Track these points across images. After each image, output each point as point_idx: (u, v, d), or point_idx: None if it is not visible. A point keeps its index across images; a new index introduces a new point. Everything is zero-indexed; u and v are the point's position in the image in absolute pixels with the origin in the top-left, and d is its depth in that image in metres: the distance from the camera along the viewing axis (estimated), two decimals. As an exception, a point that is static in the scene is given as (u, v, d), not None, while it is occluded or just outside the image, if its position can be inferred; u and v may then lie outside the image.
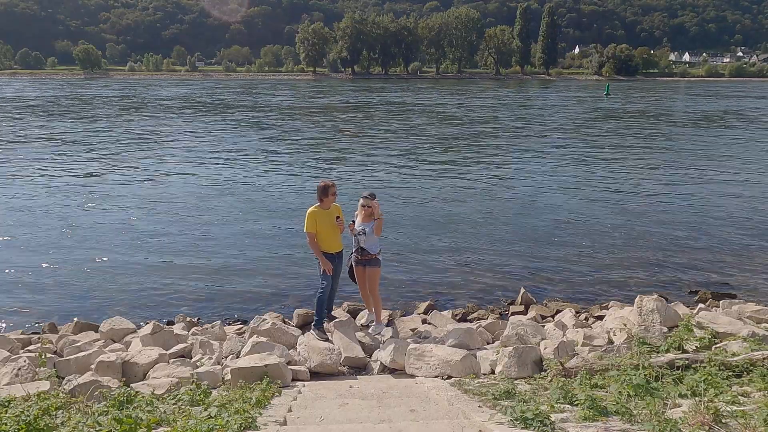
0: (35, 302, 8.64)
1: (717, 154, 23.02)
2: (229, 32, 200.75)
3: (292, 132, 30.49)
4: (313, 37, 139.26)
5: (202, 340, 6.53)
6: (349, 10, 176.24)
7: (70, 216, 13.20)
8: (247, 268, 9.96)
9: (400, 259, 10.27)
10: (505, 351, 5.81)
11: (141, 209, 13.79)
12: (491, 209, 14.07)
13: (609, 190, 16.34)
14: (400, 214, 13.29)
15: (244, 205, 14.29)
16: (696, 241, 11.51)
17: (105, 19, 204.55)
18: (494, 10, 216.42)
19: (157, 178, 17.66)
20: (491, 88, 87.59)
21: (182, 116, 38.60)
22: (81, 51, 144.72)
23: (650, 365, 4.98)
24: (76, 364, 5.96)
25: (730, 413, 3.59)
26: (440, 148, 24.69)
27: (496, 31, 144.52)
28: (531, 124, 35.30)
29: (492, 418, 4.01)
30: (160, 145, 24.72)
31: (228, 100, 56.10)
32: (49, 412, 3.87)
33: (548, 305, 8.37)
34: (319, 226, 6.56)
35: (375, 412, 4.53)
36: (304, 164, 20.69)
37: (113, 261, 10.23)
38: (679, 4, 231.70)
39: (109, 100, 54.26)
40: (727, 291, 8.97)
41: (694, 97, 66.64)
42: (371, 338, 6.80)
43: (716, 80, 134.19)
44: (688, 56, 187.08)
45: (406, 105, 50.54)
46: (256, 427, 3.86)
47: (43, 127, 31.48)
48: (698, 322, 6.35)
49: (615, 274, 9.75)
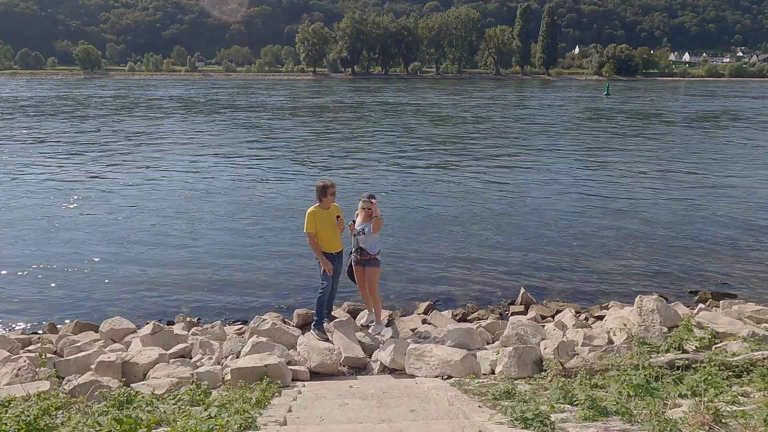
0: (35, 302, 8.64)
1: (717, 154, 23.01)
2: (229, 32, 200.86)
3: (292, 132, 30.52)
4: (313, 37, 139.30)
5: (202, 340, 6.53)
6: (349, 10, 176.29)
7: (70, 216, 13.20)
8: (248, 269, 9.95)
9: (400, 259, 10.27)
10: (505, 351, 5.81)
11: (141, 209, 13.79)
12: (491, 209, 14.07)
13: (609, 190, 16.34)
14: (400, 214, 13.29)
15: (244, 205, 14.28)
16: (696, 241, 11.51)
17: (105, 19, 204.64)
18: (494, 10, 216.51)
19: (156, 178, 17.65)
20: (489, 88, 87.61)
21: (179, 116, 38.61)
22: (81, 51, 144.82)
23: (650, 365, 4.98)
24: (76, 364, 5.96)
25: (730, 413, 3.59)
26: (439, 149, 24.67)
27: (496, 31, 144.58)
28: (531, 124, 35.31)
29: (492, 418, 4.01)
30: (159, 146, 24.72)
31: (225, 100, 56.11)
32: (49, 412, 3.87)
33: (548, 305, 8.37)
34: (319, 226, 6.55)
35: (375, 412, 4.53)
36: (304, 165, 20.68)
37: (113, 261, 10.23)
38: (679, 4, 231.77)
39: (105, 100, 54.28)
40: (727, 291, 8.97)
41: (694, 98, 66.64)
42: (371, 338, 6.80)
43: (716, 80, 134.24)
44: (688, 56, 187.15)
45: (401, 105, 50.53)
46: (256, 427, 3.86)
47: (33, 127, 31.47)
48: (698, 322, 6.35)
49: (615, 274, 9.75)
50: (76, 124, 33.02)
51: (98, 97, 58.88)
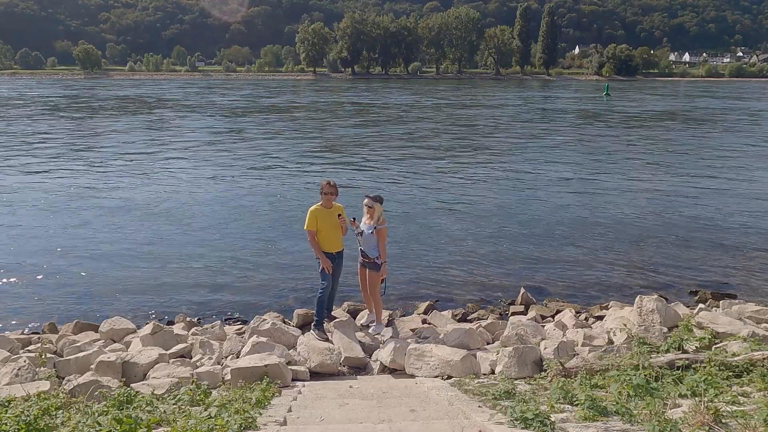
0: (35, 302, 8.63)
1: (717, 154, 23.00)
2: (229, 32, 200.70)
3: (291, 133, 30.50)
4: (313, 37, 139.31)
5: (202, 340, 6.53)
6: (349, 10, 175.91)
7: (70, 216, 13.19)
8: (247, 268, 9.95)
9: (400, 259, 10.25)
10: (505, 351, 5.81)
11: (141, 209, 13.79)
12: (491, 209, 14.07)
13: (608, 190, 16.34)
14: (400, 215, 13.28)
15: (243, 206, 14.28)
16: (696, 241, 11.50)
17: (105, 19, 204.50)
18: (494, 10, 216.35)
19: (155, 179, 17.64)
20: (488, 87, 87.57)
21: (179, 116, 38.61)
22: (81, 51, 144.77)
23: (650, 365, 4.98)
24: (76, 364, 5.96)
25: (730, 413, 3.59)
26: (438, 149, 24.66)
27: (496, 31, 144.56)
28: (530, 124, 35.30)
29: (492, 418, 4.01)
30: (159, 146, 24.71)
31: (226, 100, 56.10)
32: (49, 412, 3.87)
33: (548, 305, 8.37)
34: (320, 225, 6.55)
35: (375, 412, 4.52)
36: (303, 164, 20.68)
37: (113, 261, 10.22)
38: (679, 4, 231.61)
39: (118, 101, 54.28)
40: (727, 291, 8.97)
41: (694, 98, 66.61)
42: (371, 338, 6.80)
43: (716, 80, 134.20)
44: (688, 56, 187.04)
45: (400, 106, 50.52)
46: (256, 427, 3.86)
47: (32, 127, 31.48)
48: (698, 322, 6.35)
49: (615, 274, 9.75)
50: (94, 122, 33.05)
51: (110, 98, 58.83)
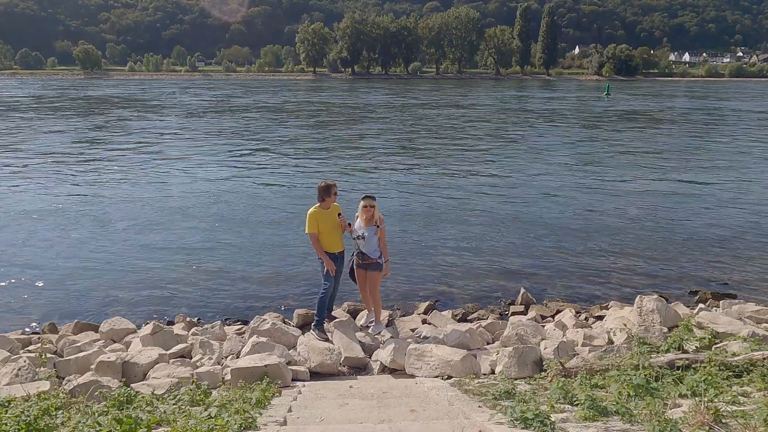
0: (35, 302, 8.63)
1: (717, 155, 23.00)
2: (229, 32, 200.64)
3: (291, 133, 30.50)
4: (313, 37, 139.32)
5: (202, 340, 6.53)
6: (349, 10, 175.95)
7: (70, 216, 13.19)
8: (247, 268, 9.95)
9: (400, 259, 10.25)
10: (505, 351, 5.81)
11: (140, 210, 13.79)
12: (491, 209, 14.06)
13: (608, 190, 16.34)
14: (400, 215, 13.28)
15: (243, 206, 14.28)
16: (696, 241, 11.50)
17: (105, 19, 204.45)
18: (494, 10, 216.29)
19: (155, 179, 17.65)
20: (487, 87, 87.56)
21: (179, 116, 38.61)
22: (81, 51, 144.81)
23: (650, 365, 4.98)
24: (76, 364, 5.96)
25: (730, 413, 3.59)
26: (438, 149, 24.66)
27: (496, 31, 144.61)
28: (531, 124, 35.29)
29: (492, 418, 4.01)
30: (158, 146, 24.72)
31: (220, 101, 56.11)
32: (49, 412, 3.87)
33: (548, 305, 8.37)
34: (321, 226, 6.55)
35: (375, 412, 4.52)
36: (302, 164, 20.68)
37: (113, 261, 10.22)
38: (679, 4, 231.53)
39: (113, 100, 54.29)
40: (727, 291, 8.96)
41: (694, 98, 66.60)
42: (371, 338, 6.80)
43: (716, 80, 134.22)
44: (688, 56, 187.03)
45: (400, 106, 50.51)
46: (256, 427, 3.87)
47: (34, 127, 31.49)
48: (698, 322, 6.35)
49: (615, 274, 9.75)
50: (92, 123, 33.07)
51: (109, 97, 58.85)
